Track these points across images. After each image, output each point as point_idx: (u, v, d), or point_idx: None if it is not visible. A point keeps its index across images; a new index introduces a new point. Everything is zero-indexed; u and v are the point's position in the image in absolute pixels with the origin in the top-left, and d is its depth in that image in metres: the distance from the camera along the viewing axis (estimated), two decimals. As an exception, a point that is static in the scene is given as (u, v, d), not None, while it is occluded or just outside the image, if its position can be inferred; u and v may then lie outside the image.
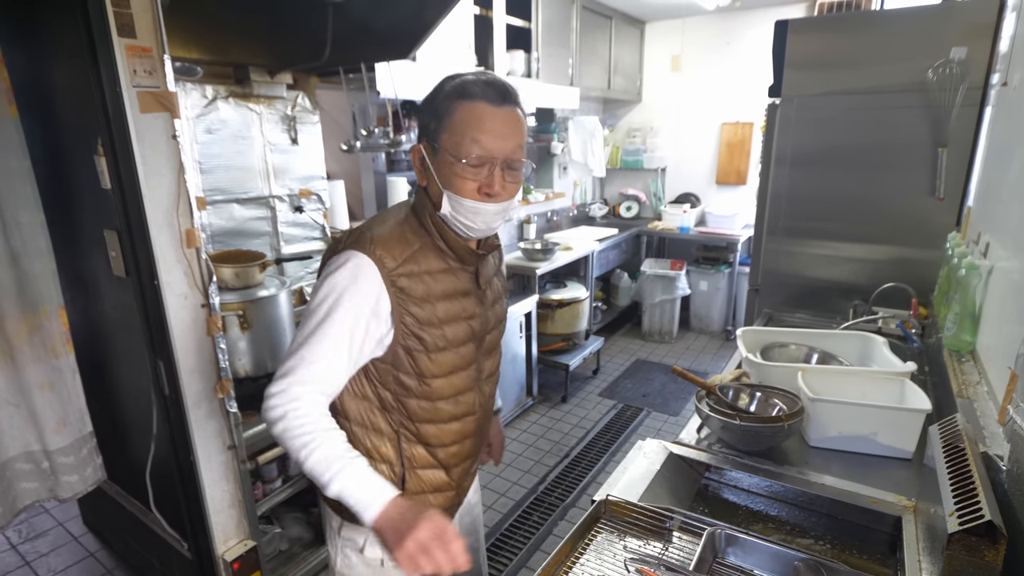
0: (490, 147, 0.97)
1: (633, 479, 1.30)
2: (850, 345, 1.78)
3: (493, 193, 0.99)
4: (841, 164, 2.39)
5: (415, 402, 1.08)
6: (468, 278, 1.09)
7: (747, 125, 4.67)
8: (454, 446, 1.14)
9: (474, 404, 1.15)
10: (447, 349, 1.06)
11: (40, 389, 1.75)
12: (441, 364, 1.07)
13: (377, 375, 1.06)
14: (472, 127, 0.96)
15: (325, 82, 2.66)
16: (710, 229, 4.65)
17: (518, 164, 1.01)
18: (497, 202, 1.00)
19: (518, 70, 3.52)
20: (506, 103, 0.99)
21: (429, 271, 1.03)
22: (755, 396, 1.49)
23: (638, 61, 4.96)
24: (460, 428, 1.14)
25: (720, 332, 4.78)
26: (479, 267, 1.11)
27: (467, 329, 1.09)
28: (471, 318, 1.09)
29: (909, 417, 1.34)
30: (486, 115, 0.97)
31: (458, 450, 1.16)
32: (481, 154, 0.97)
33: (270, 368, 2.00)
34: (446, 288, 1.05)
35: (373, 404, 1.08)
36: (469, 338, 1.10)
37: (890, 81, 2.23)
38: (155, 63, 1.42)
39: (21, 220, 1.66)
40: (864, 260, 2.42)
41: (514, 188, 1.02)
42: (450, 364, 1.08)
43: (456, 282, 1.07)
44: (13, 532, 2.49)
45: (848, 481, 1.27)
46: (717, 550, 1.09)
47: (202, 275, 1.59)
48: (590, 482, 2.83)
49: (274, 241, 2.52)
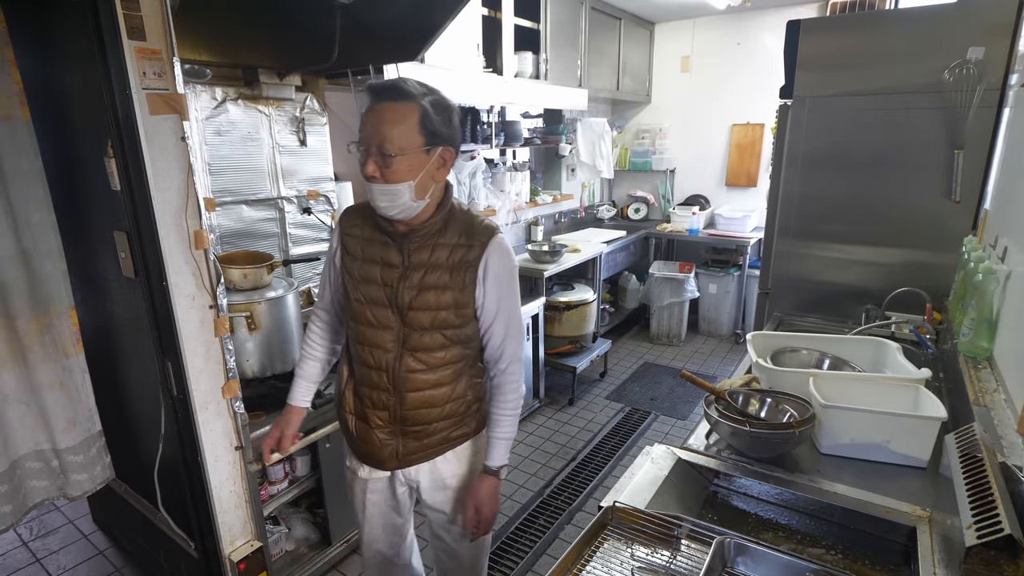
0: (364, 135, 1.18)
1: (640, 485, 1.28)
2: (863, 350, 1.75)
3: (368, 174, 1.19)
4: (854, 166, 2.36)
5: (350, 334, 1.37)
6: (395, 252, 1.28)
7: (758, 126, 4.63)
8: (366, 388, 1.36)
9: (387, 364, 1.32)
10: (363, 303, 1.31)
11: (50, 388, 1.76)
12: (357, 313, 1.32)
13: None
14: (363, 121, 1.19)
15: (333, 84, 2.66)
16: (719, 231, 4.61)
17: (386, 149, 1.16)
18: (377, 183, 1.19)
19: (526, 71, 3.51)
20: (384, 99, 1.17)
21: (365, 236, 1.31)
22: (765, 402, 1.47)
23: (647, 62, 4.94)
24: (371, 376, 1.34)
25: (729, 336, 4.75)
26: (408, 246, 1.28)
27: (379, 292, 1.29)
28: (385, 285, 1.29)
29: (924, 425, 1.32)
30: (369, 110, 1.19)
31: (370, 394, 1.35)
32: (358, 141, 1.20)
33: (278, 369, 2.00)
34: (371, 253, 1.30)
35: (346, 329, 1.41)
36: (381, 302, 1.29)
37: (905, 82, 2.20)
38: (164, 65, 1.42)
39: (32, 220, 1.67)
40: (877, 264, 2.39)
41: (391, 173, 1.18)
42: (363, 316, 1.31)
43: (381, 252, 1.29)
44: (24, 529, 2.51)
45: (860, 490, 1.25)
46: (726, 559, 1.08)
47: (210, 276, 1.60)
48: (597, 486, 2.81)
49: (282, 242, 2.52)
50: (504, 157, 4.39)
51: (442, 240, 1.28)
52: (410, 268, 1.28)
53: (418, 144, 1.18)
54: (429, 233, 1.27)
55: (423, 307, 1.28)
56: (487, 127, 3.52)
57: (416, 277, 1.27)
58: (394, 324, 1.30)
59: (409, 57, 2.34)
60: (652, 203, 5.18)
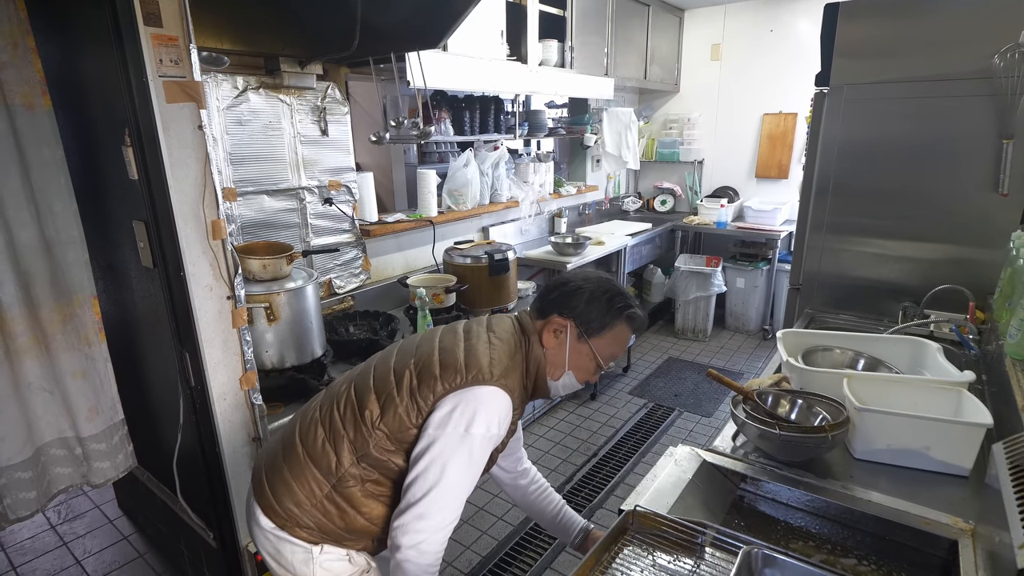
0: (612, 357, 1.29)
1: (663, 488, 1.24)
2: (900, 350, 1.67)
3: (593, 381, 1.33)
4: (893, 157, 2.24)
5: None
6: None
7: (790, 116, 4.48)
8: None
9: None
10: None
11: (73, 377, 1.78)
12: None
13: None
14: (619, 347, 1.28)
15: (356, 73, 2.64)
16: (749, 224, 4.48)
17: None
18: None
19: (551, 59, 3.44)
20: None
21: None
22: (796, 403, 1.41)
23: (676, 50, 4.81)
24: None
25: (757, 331, 4.63)
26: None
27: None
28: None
29: (967, 431, 1.24)
30: (627, 343, 1.30)
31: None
32: (607, 360, 1.28)
33: (297, 360, 1.99)
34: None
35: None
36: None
37: (950, 69, 2.08)
38: (181, 52, 1.41)
39: (55, 209, 1.68)
40: (916, 259, 2.28)
41: None
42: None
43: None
44: (52, 513, 2.57)
45: (897, 499, 1.19)
46: (753, 571, 1.02)
47: (228, 267, 1.58)
48: (619, 483, 2.76)
49: (303, 233, 2.52)
50: (528, 147, 4.34)
51: None
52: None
53: None
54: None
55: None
56: (511, 117, 3.47)
57: None
58: None
59: (431, 45, 2.30)
60: (679, 195, 5.06)
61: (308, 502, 1.18)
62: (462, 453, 1.12)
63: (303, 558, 1.21)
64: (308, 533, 1.20)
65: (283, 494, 1.20)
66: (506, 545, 2.34)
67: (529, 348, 1.25)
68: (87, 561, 2.29)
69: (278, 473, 1.23)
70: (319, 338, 2.06)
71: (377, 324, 2.46)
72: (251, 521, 1.28)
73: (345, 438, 1.18)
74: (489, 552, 2.30)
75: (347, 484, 1.18)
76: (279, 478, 1.22)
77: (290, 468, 1.21)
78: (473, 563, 2.25)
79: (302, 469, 1.20)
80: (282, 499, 1.20)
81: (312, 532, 1.20)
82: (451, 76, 2.68)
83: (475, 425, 1.12)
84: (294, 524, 1.20)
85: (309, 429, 1.23)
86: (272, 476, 1.24)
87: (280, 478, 1.22)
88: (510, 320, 1.30)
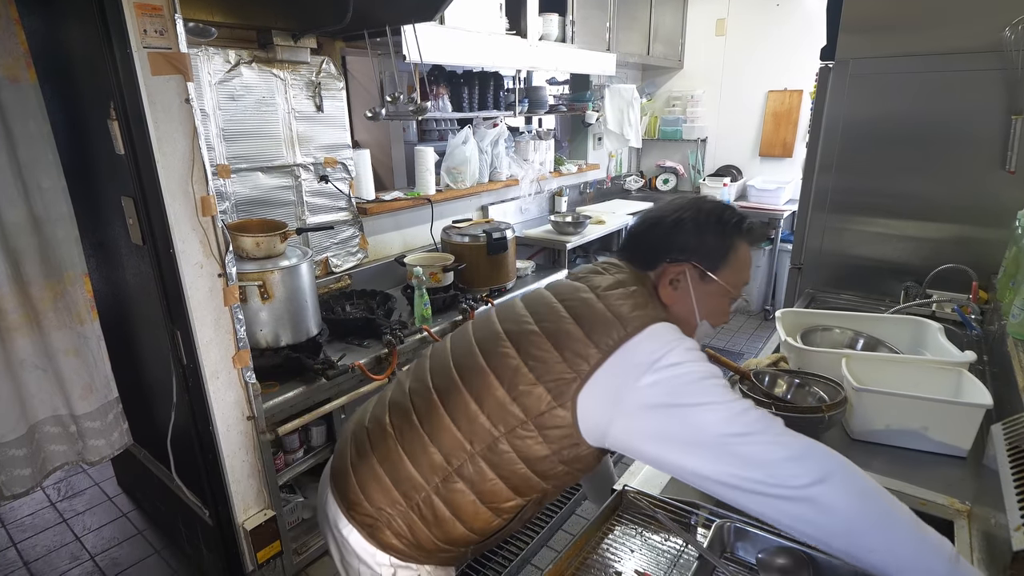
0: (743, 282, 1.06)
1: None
2: (901, 330, 1.65)
3: (726, 320, 1.08)
4: (898, 134, 2.20)
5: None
6: None
7: (795, 93, 4.40)
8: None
9: None
10: None
11: (66, 355, 1.77)
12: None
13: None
14: (747, 269, 1.04)
15: (352, 47, 2.58)
16: (752, 203, 4.43)
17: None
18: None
19: (552, 34, 3.36)
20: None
21: None
22: (793, 383, 1.39)
23: (680, 25, 4.71)
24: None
25: (758, 312, 4.61)
26: None
27: None
28: None
29: (966, 412, 1.22)
30: (751, 262, 1.06)
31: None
32: (741, 288, 1.05)
33: (292, 339, 1.98)
34: None
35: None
36: None
37: (958, 43, 2.02)
38: (166, 23, 1.37)
39: (43, 185, 1.66)
40: (919, 239, 2.24)
41: None
42: None
43: None
44: (52, 490, 2.59)
45: (894, 479, 1.17)
46: (726, 544, 1.02)
47: (218, 244, 1.56)
48: (616, 462, 2.76)
49: (299, 210, 2.49)
50: (528, 125, 4.27)
51: None
52: None
53: None
54: None
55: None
56: (511, 93, 3.41)
57: None
58: None
59: (427, 17, 2.24)
60: (682, 174, 5.00)
61: (404, 503, 1.00)
62: (697, 393, 0.82)
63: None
64: (399, 541, 1.02)
65: (374, 489, 1.02)
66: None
67: (654, 296, 1.01)
68: (87, 537, 2.31)
69: (367, 463, 1.04)
70: (314, 317, 2.05)
71: (374, 303, 2.45)
72: (327, 523, 1.12)
73: (455, 428, 0.96)
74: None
75: (454, 485, 0.97)
76: (368, 469, 1.04)
77: (381, 461, 1.03)
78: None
79: (396, 465, 1.01)
80: (373, 494, 1.02)
81: (403, 540, 1.02)
82: (448, 50, 2.62)
83: (672, 355, 0.84)
84: (383, 527, 1.02)
85: (403, 421, 1.03)
86: (361, 466, 1.05)
87: (370, 469, 1.03)
88: (616, 271, 1.04)
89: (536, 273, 3.09)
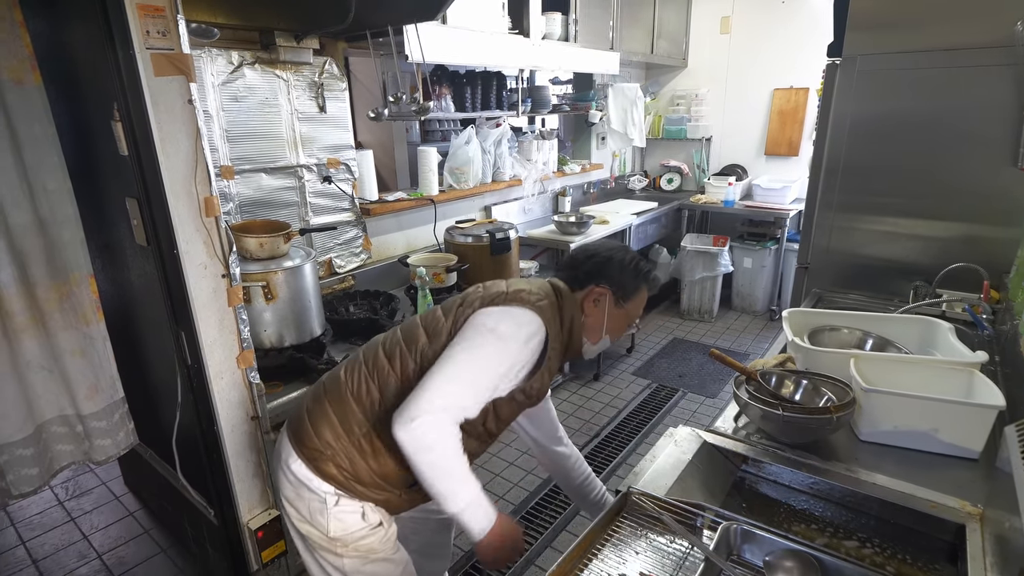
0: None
1: (662, 469, 1.21)
2: (910, 330, 1.63)
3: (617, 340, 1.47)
4: (907, 131, 2.17)
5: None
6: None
7: (802, 91, 4.37)
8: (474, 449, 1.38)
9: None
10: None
11: (72, 355, 1.77)
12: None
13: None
14: (641, 307, 1.42)
15: (354, 48, 2.58)
16: (757, 203, 4.41)
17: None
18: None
19: (555, 33, 3.35)
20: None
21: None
22: (801, 384, 1.38)
23: (684, 23, 4.69)
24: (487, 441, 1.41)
25: (764, 312, 4.58)
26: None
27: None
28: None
29: (978, 413, 1.21)
30: (644, 303, 1.43)
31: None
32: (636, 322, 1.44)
33: (295, 339, 1.98)
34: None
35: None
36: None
37: (969, 38, 1.99)
38: (168, 24, 1.36)
39: (49, 187, 1.66)
40: (928, 238, 2.22)
41: None
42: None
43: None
44: (60, 489, 2.60)
45: (903, 481, 1.16)
46: (732, 546, 1.01)
47: (222, 245, 1.56)
48: (621, 463, 2.75)
49: (303, 212, 2.49)
50: (532, 125, 4.27)
51: None
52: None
53: None
54: None
55: None
56: (513, 93, 3.40)
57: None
58: None
59: (429, 17, 2.24)
60: (686, 173, 4.98)
61: (347, 437, 1.22)
62: (476, 344, 1.17)
63: (319, 507, 1.23)
64: (339, 472, 1.22)
65: (323, 426, 1.23)
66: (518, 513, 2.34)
67: (562, 303, 1.32)
68: (94, 536, 2.32)
69: (320, 406, 1.26)
70: (318, 317, 2.05)
71: (377, 304, 2.44)
72: (278, 463, 1.31)
73: (392, 375, 1.23)
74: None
75: (388, 425, 1.16)
76: (320, 410, 1.26)
77: (332, 402, 1.26)
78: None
79: (344, 404, 1.24)
80: (322, 431, 1.23)
81: (343, 472, 1.22)
82: (451, 50, 2.61)
83: (502, 325, 1.19)
84: (327, 460, 1.22)
85: (354, 369, 1.29)
86: (314, 409, 1.27)
87: (321, 410, 1.25)
88: (546, 282, 1.38)
89: (540, 273, 3.08)
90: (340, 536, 1.25)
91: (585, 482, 1.69)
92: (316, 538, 1.27)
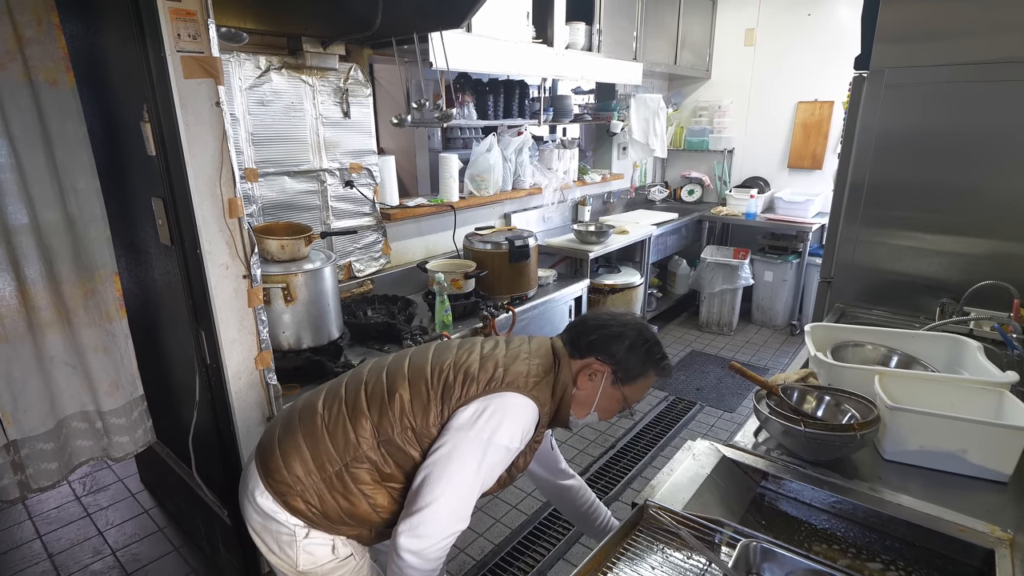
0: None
1: (680, 483, 1.19)
2: (937, 348, 1.59)
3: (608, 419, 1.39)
4: (936, 146, 2.13)
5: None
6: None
7: (826, 104, 4.32)
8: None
9: None
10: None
11: (94, 352, 1.80)
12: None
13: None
14: (643, 393, 1.33)
15: (379, 54, 2.61)
16: (779, 216, 4.35)
17: None
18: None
19: (578, 43, 3.36)
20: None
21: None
22: (823, 400, 1.35)
23: (708, 34, 4.67)
24: None
25: (784, 326, 4.51)
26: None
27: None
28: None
29: (1008, 435, 1.17)
30: (648, 389, 1.35)
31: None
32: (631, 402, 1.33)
33: (314, 342, 1.99)
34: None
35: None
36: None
37: (1000, 52, 1.95)
38: (199, 27, 1.39)
39: (78, 186, 1.69)
40: (956, 254, 2.16)
41: None
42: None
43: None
44: (78, 484, 2.63)
45: (929, 503, 1.12)
46: (751, 564, 0.98)
47: (244, 246, 1.58)
48: (635, 476, 2.72)
49: (324, 215, 2.51)
50: (553, 134, 4.27)
51: None
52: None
53: None
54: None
55: None
56: (536, 102, 3.41)
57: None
58: None
59: (454, 24, 2.25)
60: (707, 185, 4.94)
61: (318, 473, 1.17)
62: (478, 459, 1.11)
63: (287, 540, 1.20)
64: (307, 508, 1.18)
65: (294, 459, 1.18)
66: (519, 534, 2.32)
67: (559, 372, 1.26)
68: (109, 532, 2.35)
69: (292, 438, 1.21)
70: (336, 320, 2.06)
71: (395, 308, 2.45)
72: (245, 493, 1.26)
73: (368, 419, 1.18)
74: (502, 540, 2.29)
75: (361, 465, 1.17)
76: (293, 443, 1.20)
77: (305, 436, 1.20)
78: (485, 551, 2.23)
79: (318, 440, 1.19)
80: (292, 464, 1.18)
81: (311, 508, 1.18)
82: (474, 58, 2.63)
83: (499, 434, 1.13)
84: (296, 495, 1.17)
85: (332, 404, 1.23)
86: (286, 440, 1.22)
87: (294, 443, 1.20)
88: (548, 342, 1.32)
89: (558, 282, 3.07)
90: (309, 570, 1.21)
91: (590, 509, 1.66)
92: (286, 570, 1.23)
